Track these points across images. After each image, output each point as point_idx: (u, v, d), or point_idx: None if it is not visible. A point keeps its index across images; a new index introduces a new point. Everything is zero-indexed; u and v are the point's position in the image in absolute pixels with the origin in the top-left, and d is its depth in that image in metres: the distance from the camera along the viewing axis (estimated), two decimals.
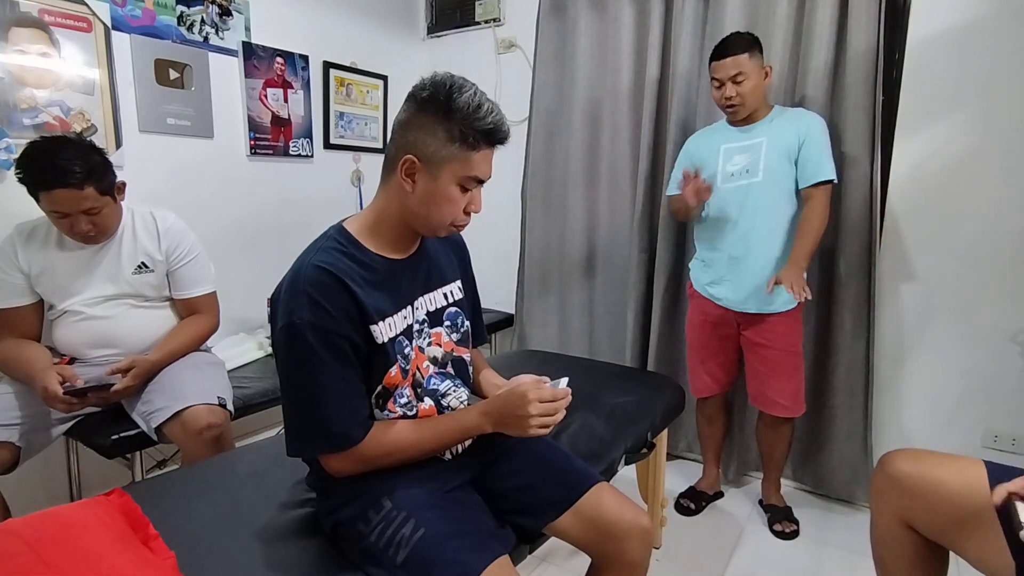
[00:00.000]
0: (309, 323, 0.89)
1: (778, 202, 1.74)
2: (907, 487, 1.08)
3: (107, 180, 1.48)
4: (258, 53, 2.27)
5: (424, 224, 0.99)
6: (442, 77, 0.92)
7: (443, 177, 0.93)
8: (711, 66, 1.75)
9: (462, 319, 1.13)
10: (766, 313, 1.79)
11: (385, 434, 0.97)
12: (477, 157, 0.93)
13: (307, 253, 0.96)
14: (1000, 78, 1.73)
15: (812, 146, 1.70)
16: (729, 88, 1.71)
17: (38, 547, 0.77)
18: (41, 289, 1.55)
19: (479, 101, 0.91)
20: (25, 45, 1.69)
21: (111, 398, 1.48)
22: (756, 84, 1.71)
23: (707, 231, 1.87)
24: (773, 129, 1.75)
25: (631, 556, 1.07)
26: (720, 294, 1.85)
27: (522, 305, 2.68)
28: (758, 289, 1.75)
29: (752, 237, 1.76)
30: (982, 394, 1.87)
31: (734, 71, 1.69)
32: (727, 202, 1.79)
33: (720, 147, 1.82)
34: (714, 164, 1.81)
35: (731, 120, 1.82)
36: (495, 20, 2.77)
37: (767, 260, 1.75)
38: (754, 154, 1.75)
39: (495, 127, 0.92)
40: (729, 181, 1.79)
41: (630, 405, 1.59)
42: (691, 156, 1.90)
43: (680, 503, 2.04)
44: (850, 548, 1.81)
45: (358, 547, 0.95)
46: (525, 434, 0.97)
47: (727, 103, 1.74)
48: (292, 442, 0.96)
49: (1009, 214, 1.77)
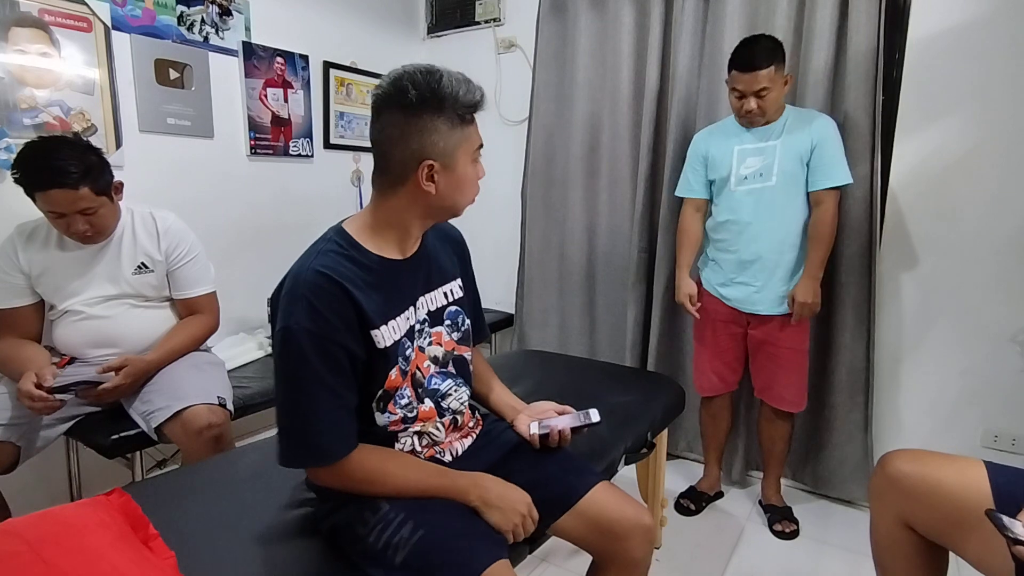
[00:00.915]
0: (306, 329, 0.88)
1: (791, 206, 1.74)
2: (907, 487, 1.08)
3: (103, 180, 1.47)
4: (258, 53, 2.27)
5: (451, 212, 1.02)
6: (412, 73, 0.90)
7: (460, 162, 0.96)
8: (732, 75, 1.69)
9: (462, 317, 1.13)
10: (776, 314, 1.79)
11: (372, 460, 0.96)
12: (472, 128, 0.97)
13: (307, 256, 0.95)
14: (1000, 78, 1.73)
15: (824, 150, 1.68)
16: (751, 101, 1.67)
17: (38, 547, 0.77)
18: (41, 289, 1.55)
19: (456, 78, 0.93)
20: (25, 45, 1.69)
21: (102, 396, 1.47)
22: (778, 96, 1.68)
23: (719, 233, 1.86)
24: (787, 133, 1.73)
25: (633, 554, 1.07)
26: (730, 295, 1.84)
27: (522, 305, 2.68)
28: (768, 292, 1.77)
29: (764, 241, 1.75)
30: (982, 394, 1.87)
31: (758, 86, 1.64)
32: (740, 204, 1.78)
33: (734, 148, 1.79)
34: (728, 166, 1.79)
35: (745, 126, 1.79)
36: (495, 20, 2.77)
37: (779, 264, 1.76)
38: (768, 158, 1.73)
39: (480, 96, 0.96)
40: (743, 184, 1.77)
41: (630, 405, 1.58)
42: (703, 156, 1.87)
43: (680, 503, 2.04)
44: (850, 548, 1.81)
45: (356, 548, 0.94)
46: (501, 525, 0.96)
47: (748, 115, 1.71)
48: (280, 450, 0.94)
49: (1009, 214, 1.77)
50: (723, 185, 1.82)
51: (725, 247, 1.84)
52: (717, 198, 1.86)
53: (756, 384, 1.93)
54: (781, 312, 1.78)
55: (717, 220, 1.85)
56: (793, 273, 1.77)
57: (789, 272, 1.77)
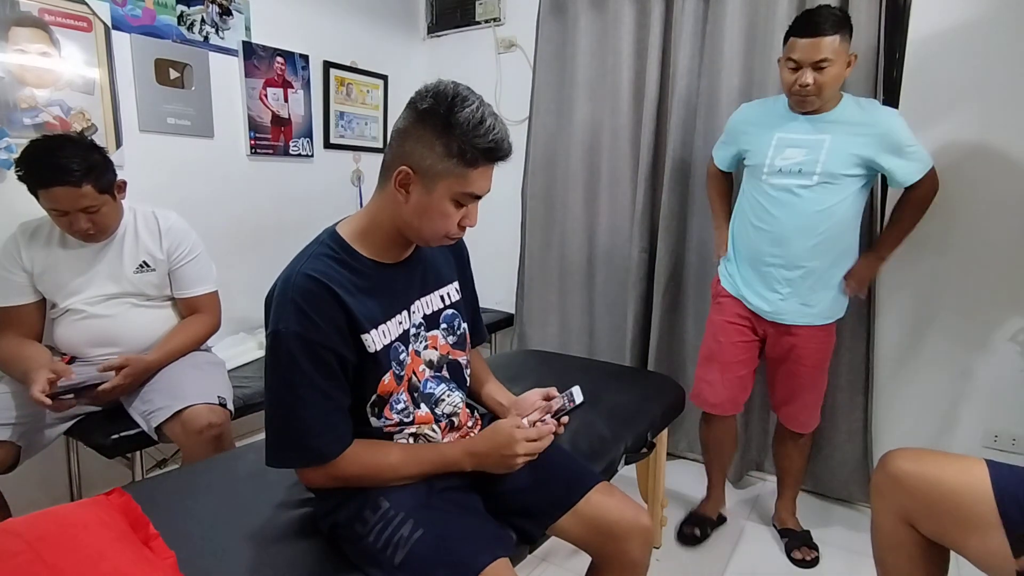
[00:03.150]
0: (295, 333, 0.88)
1: (829, 211, 1.51)
2: (907, 486, 1.08)
3: (106, 179, 1.48)
4: (258, 53, 2.27)
5: (416, 235, 0.97)
6: (445, 87, 0.88)
7: (438, 191, 0.90)
8: (789, 42, 1.45)
9: (459, 321, 1.12)
10: (802, 325, 1.62)
11: (365, 453, 0.96)
12: (474, 174, 0.90)
13: (298, 259, 0.95)
14: (1000, 78, 1.73)
15: (904, 148, 1.48)
16: (808, 74, 1.42)
17: (38, 547, 0.77)
18: (43, 288, 1.55)
19: (481, 116, 0.87)
20: (25, 44, 1.69)
21: (102, 396, 1.46)
22: (839, 74, 1.45)
23: (743, 227, 1.67)
24: (842, 126, 1.48)
25: (632, 555, 1.07)
26: (753, 299, 1.66)
27: (522, 305, 2.68)
28: (795, 300, 1.60)
29: (792, 244, 1.55)
30: (982, 394, 1.87)
31: (819, 56, 1.40)
32: (769, 199, 1.57)
33: (774, 134, 1.56)
34: (762, 153, 1.58)
35: (795, 107, 1.55)
36: (495, 20, 2.77)
37: (808, 270, 1.57)
38: (813, 152, 1.50)
39: (496, 145, 0.89)
40: (776, 176, 1.55)
41: (630, 405, 1.59)
42: (738, 136, 1.68)
43: (684, 531, 1.84)
44: (850, 548, 1.81)
45: (356, 547, 0.94)
46: (508, 470, 0.98)
47: (800, 91, 1.46)
48: (268, 451, 0.94)
49: (1009, 214, 1.77)
50: (756, 173, 1.61)
51: (748, 244, 1.66)
52: (747, 183, 1.67)
53: (773, 398, 1.79)
54: (808, 323, 1.61)
55: (745, 215, 1.66)
56: (826, 280, 1.59)
57: (822, 279, 1.58)
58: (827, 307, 1.63)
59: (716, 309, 1.77)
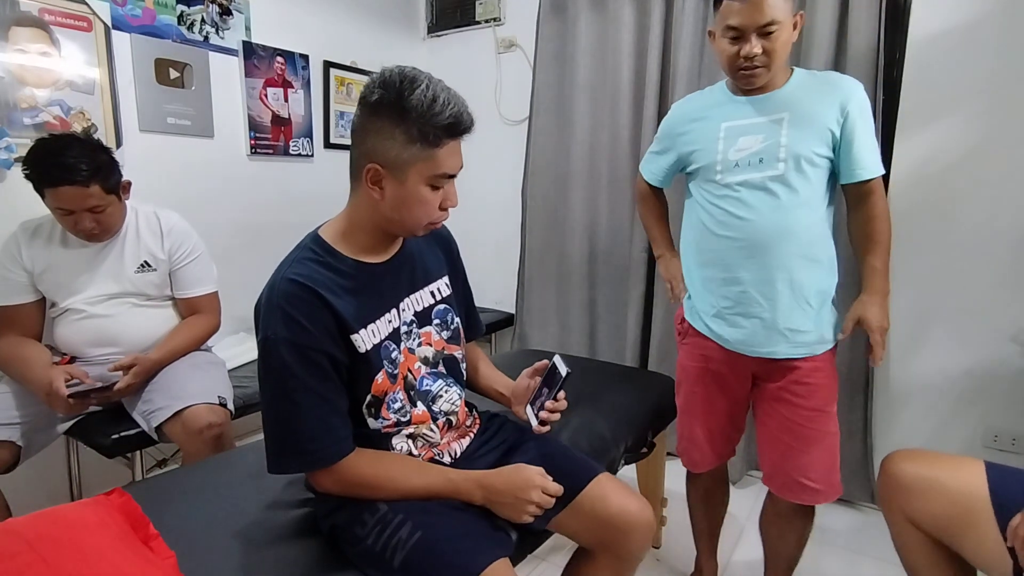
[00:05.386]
0: (283, 338, 0.87)
1: (807, 202, 1.22)
2: (907, 486, 1.09)
3: (113, 179, 1.49)
4: (258, 52, 2.27)
5: (399, 228, 0.97)
6: (390, 74, 0.87)
7: (410, 180, 0.90)
8: (723, 6, 1.18)
9: (451, 316, 1.12)
10: (796, 358, 1.27)
11: (371, 464, 0.96)
12: (442, 153, 0.89)
13: (282, 265, 0.95)
14: (1001, 78, 1.73)
15: (863, 125, 1.21)
16: (754, 43, 1.15)
17: (38, 546, 0.77)
18: (44, 287, 1.55)
19: (433, 94, 0.85)
20: (25, 44, 1.69)
21: (112, 396, 1.48)
22: (788, 39, 1.18)
23: (706, 241, 1.32)
24: (798, 99, 1.21)
25: (630, 548, 1.06)
26: (727, 333, 1.30)
27: (522, 305, 2.69)
28: (781, 324, 1.24)
29: (770, 253, 1.22)
30: (982, 394, 1.87)
31: (765, 19, 1.13)
32: (733, 202, 1.25)
33: (720, 125, 1.27)
34: (711, 150, 1.28)
35: (739, 87, 1.27)
36: (495, 20, 2.76)
37: (795, 282, 1.23)
38: (771, 136, 1.21)
39: (456, 119, 0.87)
40: (733, 172, 1.25)
41: (630, 405, 1.59)
42: (676, 139, 1.37)
43: None
44: (850, 548, 1.81)
45: (356, 550, 0.94)
46: (513, 517, 0.97)
47: (747, 65, 1.18)
48: (270, 459, 0.94)
49: (1009, 214, 1.77)
50: (708, 176, 1.29)
51: (714, 261, 1.30)
52: (699, 195, 1.33)
53: (763, 465, 1.39)
54: (803, 354, 1.26)
55: (703, 226, 1.31)
56: (815, 295, 1.26)
57: (810, 294, 1.25)
58: (823, 329, 1.28)
59: (684, 352, 1.44)
